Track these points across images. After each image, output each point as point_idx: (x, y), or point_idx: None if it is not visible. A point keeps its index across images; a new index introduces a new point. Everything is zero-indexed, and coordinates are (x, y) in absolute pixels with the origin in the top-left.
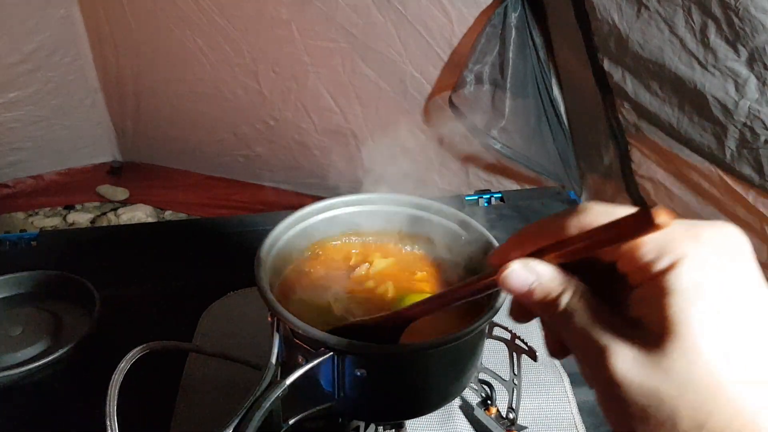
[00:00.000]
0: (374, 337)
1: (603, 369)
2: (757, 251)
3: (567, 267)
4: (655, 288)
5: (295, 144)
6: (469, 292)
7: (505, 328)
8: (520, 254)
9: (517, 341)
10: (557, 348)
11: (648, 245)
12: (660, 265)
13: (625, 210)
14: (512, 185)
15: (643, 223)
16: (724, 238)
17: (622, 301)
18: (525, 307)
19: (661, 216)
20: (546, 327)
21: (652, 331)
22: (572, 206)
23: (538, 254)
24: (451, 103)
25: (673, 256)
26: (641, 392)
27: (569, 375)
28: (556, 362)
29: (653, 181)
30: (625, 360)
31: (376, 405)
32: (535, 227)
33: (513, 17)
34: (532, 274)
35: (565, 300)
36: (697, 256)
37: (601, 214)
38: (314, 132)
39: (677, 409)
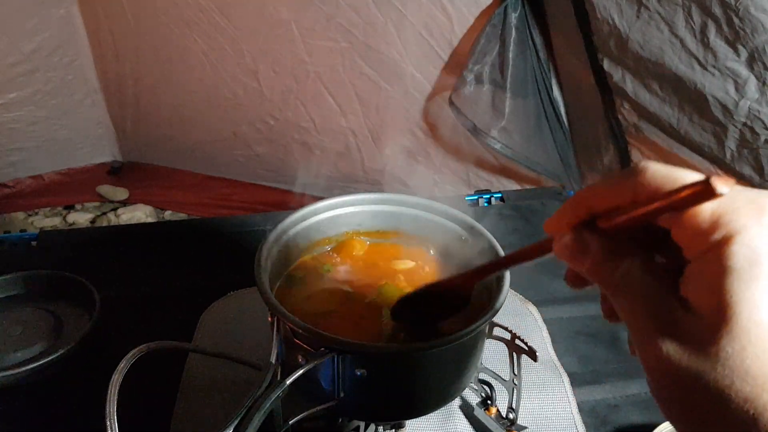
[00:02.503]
0: (444, 305)
1: (648, 351)
2: None
3: (628, 231)
4: (708, 264)
5: (295, 144)
6: (527, 257)
7: (505, 328)
8: (574, 220)
9: (517, 341)
10: (610, 313)
11: (704, 213)
12: (715, 237)
13: (682, 174)
14: (512, 185)
15: (701, 192)
16: None
17: (678, 273)
18: (577, 276)
19: (720, 185)
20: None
21: (702, 314)
22: (629, 167)
23: (591, 222)
24: (451, 103)
25: (731, 228)
26: (688, 379)
27: (569, 375)
28: (556, 362)
29: None
30: (672, 344)
31: (376, 405)
32: (590, 192)
33: (513, 17)
34: (583, 246)
35: (615, 275)
36: (757, 229)
37: (657, 178)
38: (314, 131)
39: (727, 399)
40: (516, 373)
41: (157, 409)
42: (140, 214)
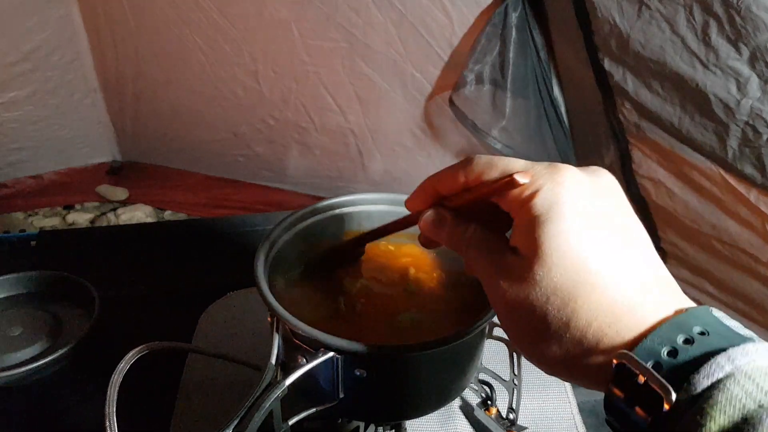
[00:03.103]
0: (341, 259)
1: (492, 290)
2: (760, 251)
3: (469, 207)
4: (521, 217)
5: (295, 144)
6: (399, 227)
7: None
8: (428, 201)
9: None
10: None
11: (517, 186)
12: (524, 197)
13: (499, 162)
14: None
15: (508, 183)
16: (586, 173)
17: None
18: (433, 240)
19: (521, 178)
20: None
21: (522, 254)
22: (462, 160)
23: (443, 201)
24: (451, 103)
25: (533, 188)
26: (518, 304)
27: None
28: None
29: (654, 180)
30: (506, 281)
31: (376, 405)
32: (435, 180)
33: (513, 17)
34: (441, 219)
35: (464, 237)
36: (551, 185)
37: (480, 167)
38: (314, 132)
39: (546, 312)
40: (516, 373)
41: (157, 409)
42: (140, 214)
